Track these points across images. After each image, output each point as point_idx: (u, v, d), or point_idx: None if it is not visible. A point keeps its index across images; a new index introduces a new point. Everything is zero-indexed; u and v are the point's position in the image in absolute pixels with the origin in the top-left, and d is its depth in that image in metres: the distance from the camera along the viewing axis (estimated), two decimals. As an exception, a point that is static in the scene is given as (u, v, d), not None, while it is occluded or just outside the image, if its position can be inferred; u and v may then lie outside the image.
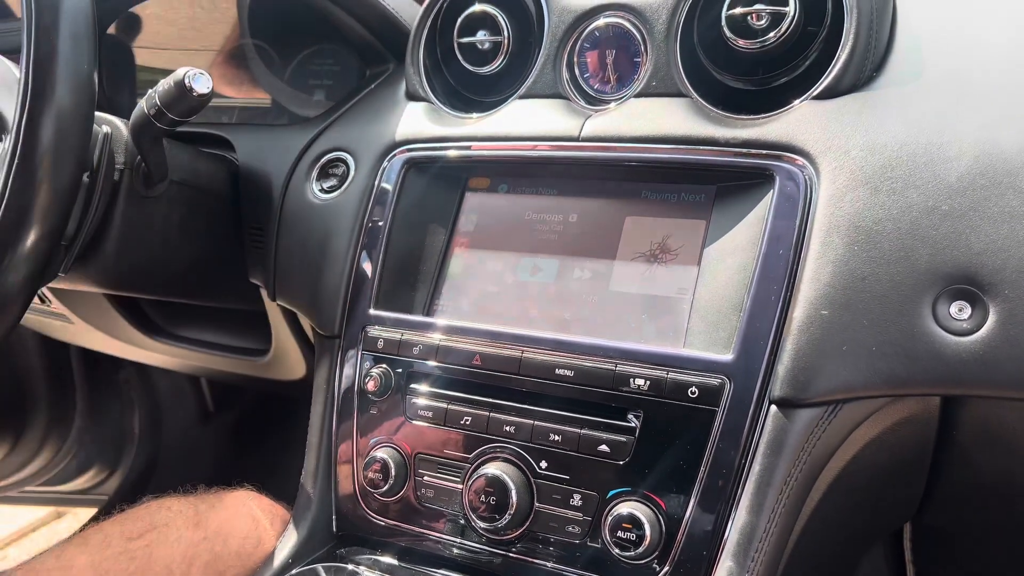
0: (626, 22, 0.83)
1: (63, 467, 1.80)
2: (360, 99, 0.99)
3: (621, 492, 0.70)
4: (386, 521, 0.82)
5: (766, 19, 0.74)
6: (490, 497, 0.74)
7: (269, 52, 1.15)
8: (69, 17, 0.68)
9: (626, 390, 0.71)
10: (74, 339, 1.41)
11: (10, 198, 0.65)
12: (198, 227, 0.94)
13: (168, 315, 1.21)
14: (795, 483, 0.67)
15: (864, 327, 0.65)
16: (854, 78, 0.73)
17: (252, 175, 0.98)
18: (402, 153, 0.89)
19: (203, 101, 0.78)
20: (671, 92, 0.79)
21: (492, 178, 0.87)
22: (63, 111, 0.67)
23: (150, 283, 0.96)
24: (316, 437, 0.87)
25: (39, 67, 0.66)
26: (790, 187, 0.70)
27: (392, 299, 0.86)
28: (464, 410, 0.78)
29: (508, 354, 0.77)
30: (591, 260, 0.80)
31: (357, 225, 0.88)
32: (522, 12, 0.88)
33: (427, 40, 0.92)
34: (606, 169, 0.80)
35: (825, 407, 0.66)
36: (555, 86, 0.85)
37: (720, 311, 0.71)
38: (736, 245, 0.72)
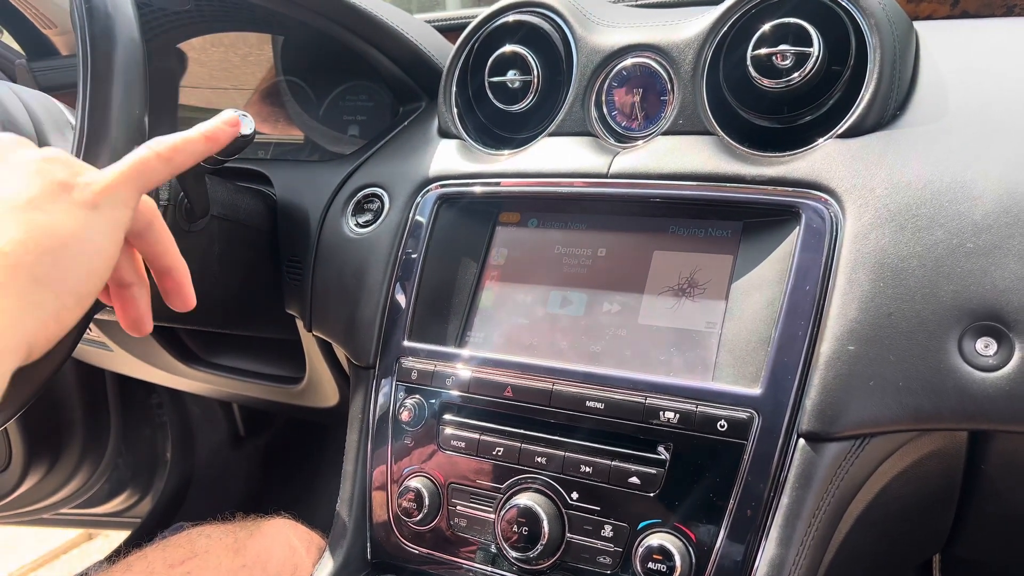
0: (653, 62, 0.85)
1: (97, 490, 1.83)
2: (393, 136, 1.02)
3: (652, 524, 0.72)
4: (420, 550, 0.83)
5: (791, 59, 0.76)
6: (522, 527, 0.75)
7: (304, 89, 1.19)
8: (122, 65, 0.71)
9: (656, 423, 0.73)
10: (111, 366, 1.44)
11: (66, 237, 0.68)
12: (237, 260, 0.97)
13: (205, 344, 1.24)
14: (824, 516, 0.68)
15: (891, 363, 0.66)
16: (878, 117, 0.74)
17: (290, 210, 1.01)
18: (435, 189, 0.91)
19: (247, 142, 0.81)
20: (698, 130, 0.81)
21: (522, 213, 0.89)
22: (117, 154, 0.69)
23: (190, 314, 0.98)
24: (351, 466, 0.89)
25: (94, 113, 0.69)
26: (816, 224, 0.72)
27: (425, 331, 0.88)
28: (496, 441, 0.80)
29: (539, 386, 0.79)
30: (620, 293, 0.81)
31: (391, 259, 0.91)
32: (551, 52, 0.90)
33: (459, 79, 0.95)
34: (634, 205, 0.82)
35: (853, 441, 0.67)
36: (584, 124, 0.87)
37: (748, 345, 0.72)
38: (763, 280, 0.74)
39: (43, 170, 0.58)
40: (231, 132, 0.73)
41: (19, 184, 0.57)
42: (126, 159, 0.63)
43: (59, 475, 1.74)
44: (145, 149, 0.64)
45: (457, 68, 0.95)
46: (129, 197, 0.61)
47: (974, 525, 0.87)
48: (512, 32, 0.92)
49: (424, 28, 1.09)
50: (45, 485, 1.74)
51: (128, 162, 0.62)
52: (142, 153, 0.63)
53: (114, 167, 0.62)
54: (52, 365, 0.72)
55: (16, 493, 1.71)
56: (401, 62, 1.03)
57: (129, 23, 0.73)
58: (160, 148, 0.64)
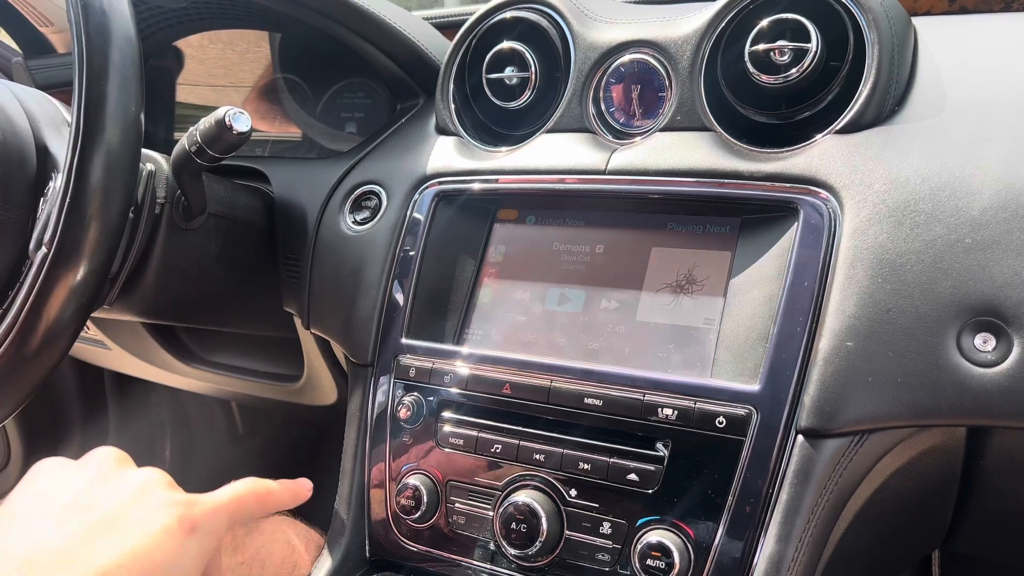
0: (650, 58, 0.85)
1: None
2: (391, 133, 1.02)
3: (650, 520, 0.72)
4: (418, 547, 0.83)
5: (789, 55, 0.76)
6: (520, 524, 0.75)
7: (302, 86, 1.18)
8: (118, 62, 0.71)
9: (654, 419, 0.72)
10: (109, 364, 1.44)
11: (62, 235, 0.68)
12: (235, 258, 0.97)
13: (203, 342, 1.24)
14: (822, 512, 0.68)
15: (889, 358, 0.66)
16: (876, 112, 0.74)
17: (287, 207, 1.01)
18: (433, 186, 0.91)
19: (242, 139, 0.81)
20: (696, 126, 0.81)
21: (520, 210, 0.89)
22: (112, 152, 0.70)
23: (188, 312, 0.99)
24: (350, 463, 0.89)
25: (90, 111, 0.69)
26: (814, 220, 0.72)
27: (423, 328, 0.88)
28: (494, 438, 0.80)
29: (537, 383, 0.79)
30: (618, 290, 0.81)
31: (389, 256, 0.91)
32: (549, 49, 0.90)
33: (457, 76, 0.95)
34: (632, 202, 0.82)
35: (851, 437, 0.67)
36: (581, 120, 0.87)
37: (746, 341, 0.72)
38: (761, 276, 0.74)
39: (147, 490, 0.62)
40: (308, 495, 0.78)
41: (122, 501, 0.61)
42: (227, 491, 0.67)
43: (58, 474, 1.74)
44: (243, 485, 0.68)
45: (455, 65, 0.95)
46: (222, 526, 0.65)
47: (973, 521, 0.87)
48: (510, 28, 0.92)
49: (422, 25, 1.09)
50: (44, 484, 1.74)
51: (229, 493, 0.66)
52: (241, 489, 0.67)
53: (216, 496, 0.65)
54: (49, 363, 0.71)
55: (14, 492, 1.71)
56: (398, 59, 1.03)
57: (125, 20, 0.72)
58: (259, 488, 0.69)
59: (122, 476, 0.64)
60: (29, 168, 0.79)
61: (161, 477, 0.64)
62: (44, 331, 0.69)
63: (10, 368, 0.70)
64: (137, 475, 0.64)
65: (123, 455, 0.66)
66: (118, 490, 0.62)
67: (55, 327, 0.70)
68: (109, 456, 0.65)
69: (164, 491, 0.63)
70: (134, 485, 0.62)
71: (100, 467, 0.64)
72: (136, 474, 0.64)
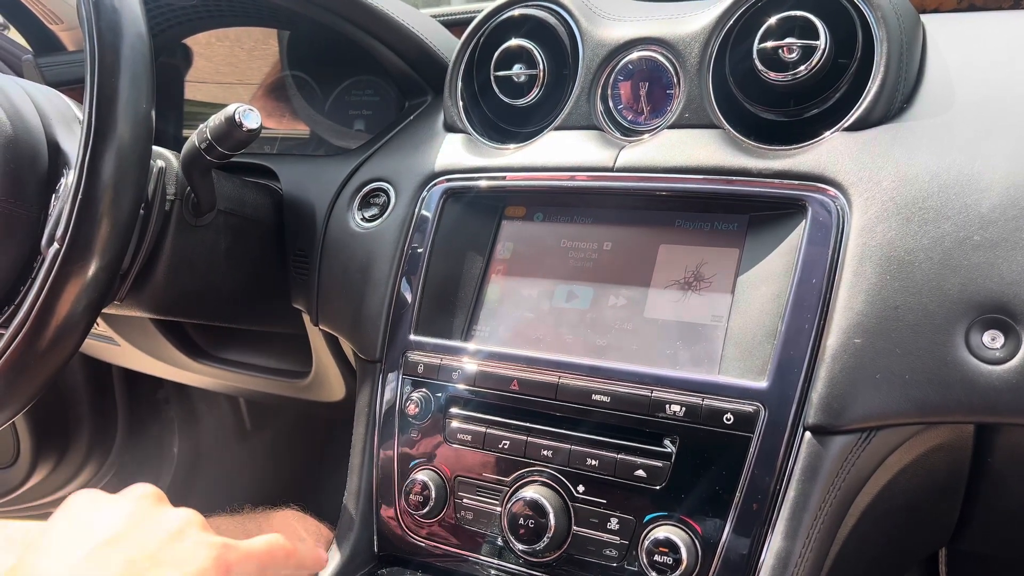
0: (659, 55, 0.85)
1: (104, 484, 1.83)
2: (400, 130, 1.02)
3: (657, 516, 0.72)
4: (427, 542, 0.84)
5: (797, 52, 0.76)
6: (528, 520, 0.76)
7: (310, 84, 1.19)
8: (129, 59, 0.71)
9: (662, 416, 0.73)
10: (118, 360, 1.45)
11: (74, 231, 0.69)
12: (244, 254, 0.98)
13: (211, 338, 1.24)
14: (830, 509, 0.68)
15: (897, 355, 0.66)
16: (885, 110, 0.74)
17: (296, 204, 1.01)
18: (441, 183, 0.92)
19: (252, 136, 0.81)
20: (704, 123, 0.81)
21: (528, 207, 0.89)
22: (123, 148, 0.70)
23: (197, 308, 0.99)
24: (358, 459, 0.89)
25: (101, 107, 0.69)
26: (822, 217, 0.72)
27: (431, 325, 0.88)
28: (502, 434, 0.80)
29: (545, 379, 0.79)
30: (626, 287, 0.81)
31: (398, 253, 0.91)
32: (557, 46, 0.90)
33: (465, 73, 0.95)
34: (640, 199, 0.82)
35: (859, 434, 0.67)
36: (589, 117, 0.87)
37: (754, 338, 0.73)
38: (769, 273, 0.74)
39: (185, 531, 0.64)
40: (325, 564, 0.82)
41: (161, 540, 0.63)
42: (261, 540, 0.70)
43: (67, 470, 1.75)
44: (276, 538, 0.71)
45: (463, 62, 0.95)
46: (253, 572, 0.67)
47: (981, 519, 0.87)
48: (518, 26, 0.92)
49: (430, 23, 1.09)
50: (53, 480, 1.75)
51: (262, 543, 0.69)
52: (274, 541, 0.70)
53: (250, 543, 0.68)
54: (60, 359, 0.72)
55: (24, 487, 1.72)
56: (407, 57, 1.03)
57: (136, 18, 0.73)
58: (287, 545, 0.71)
59: (160, 515, 0.65)
60: (41, 165, 0.80)
61: (197, 518, 0.66)
62: (56, 327, 0.70)
63: (22, 363, 0.70)
64: (175, 515, 0.66)
65: (160, 493, 0.68)
66: (156, 529, 0.64)
67: (66, 323, 0.70)
68: (147, 494, 0.67)
69: (200, 533, 0.65)
70: (172, 525, 0.64)
71: (138, 504, 0.66)
72: (174, 514, 0.66)
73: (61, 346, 0.71)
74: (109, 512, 0.65)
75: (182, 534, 0.64)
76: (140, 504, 0.66)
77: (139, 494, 0.67)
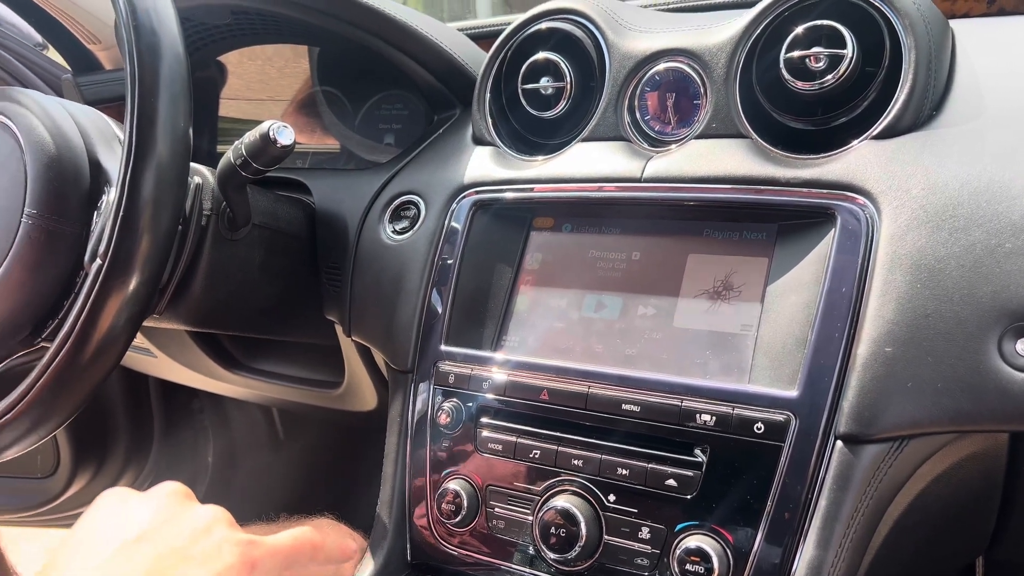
0: (685, 66, 0.85)
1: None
2: (429, 144, 1.03)
3: (689, 525, 0.72)
4: (459, 551, 0.85)
5: (824, 61, 0.76)
6: (560, 529, 0.76)
7: (340, 98, 1.21)
8: (167, 79, 0.74)
9: (692, 425, 0.73)
10: (155, 371, 1.48)
11: (115, 247, 0.71)
12: (278, 267, 1.00)
13: (246, 349, 1.27)
14: (862, 518, 0.68)
15: (929, 364, 0.66)
16: (913, 117, 0.74)
17: (328, 217, 1.03)
18: (470, 195, 0.93)
19: (286, 152, 0.83)
20: (731, 133, 0.81)
21: (556, 218, 0.90)
22: (162, 167, 0.72)
23: (233, 320, 1.01)
24: (391, 468, 0.91)
25: (141, 127, 0.72)
26: (852, 226, 0.72)
27: (462, 335, 0.89)
28: (533, 443, 0.81)
29: (575, 389, 0.80)
30: (655, 297, 0.82)
31: (428, 265, 0.92)
32: (584, 58, 0.91)
33: (492, 87, 0.96)
34: (668, 209, 0.83)
35: (891, 443, 0.67)
36: (617, 129, 0.88)
37: (784, 347, 0.73)
38: (799, 282, 0.74)
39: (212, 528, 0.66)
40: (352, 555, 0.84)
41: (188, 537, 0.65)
42: (286, 535, 0.72)
43: (105, 479, 1.78)
44: (300, 533, 0.73)
45: (491, 76, 0.96)
46: (279, 568, 0.69)
47: (1017, 527, 0.86)
48: (545, 39, 0.93)
49: (457, 36, 1.11)
50: (91, 489, 1.78)
51: (288, 538, 0.71)
52: (299, 536, 0.72)
53: (275, 539, 0.70)
54: (103, 371, 0.74)
55: (63, 497, 1.75)
56: (435, 71, 1.05)
57: (174, 39, 0.75)
58: (314, 538, 0.74)
59: (188, 511, 0.67)
60: (83, 182, 0.82)
61: (224, 515, 0.68)
62: (99, 340, 0.72)
63: (66, 376, 0.72)
64: (202, 511, 0.67)
65: (187, 491, 0.70)
66: (184, 525, 0.65)
67: (109, 336, 0.72)
68: (175, 491, 0.69)
69: (227, 529, 0.66)
70: (199, 522, 0.66)
71: (166, 502, 0.67)
72: (201, 511, 0.67)
73: (104, 359, 0.73)
74: (138, 509, 0.66)
75: (209, 530, 0.65)
76: (168, 501, 0.67)
77: (167, 491, 0.68)
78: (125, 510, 0.67)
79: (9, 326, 0.83)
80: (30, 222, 0.79)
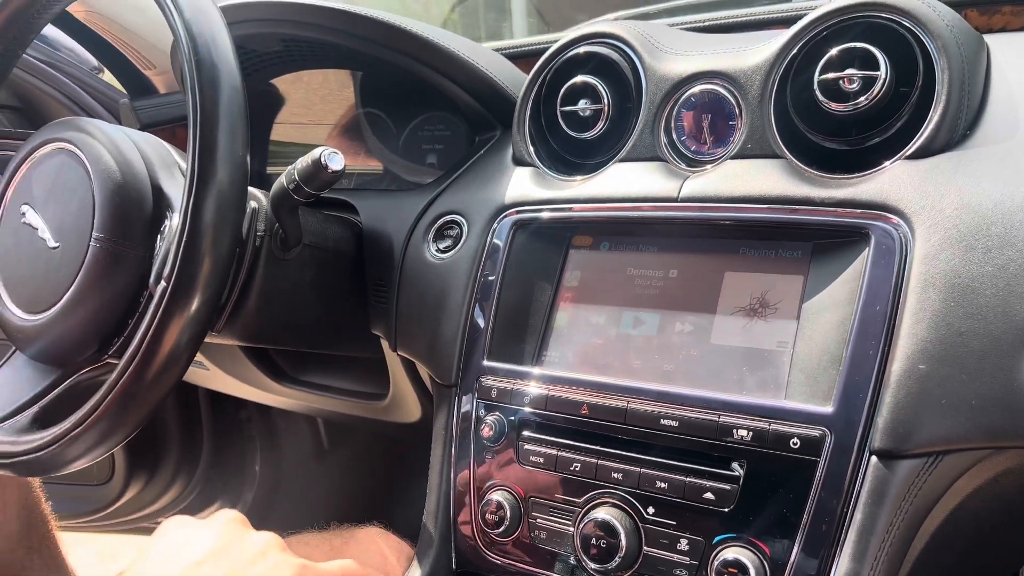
0: (720, 88, 0.87)
1: (191, 501, 1.92)
2: (471, 165, 1.07)
3: (726, 538, 0.74)
4: (502, 560, 0.87)
5: (858, 83, 0.77)
6: (600, 540, 0.79)
7: (384, 120, 1.25)
8: (226, 110, 0.78)
9: (729, 440, 0.75)
10: (206, 383, 1.53)
11: (179, 270, 0.75)
12: (327, 285, 1.04)
13: (294, 362, 1.31)
14: (897, 531, 0.69)
15: (963, 381, 0.67)
16: (947, 138, 0.75)
17: (375, 237, 1.07)
18: (511, 215, 0.96)
19: (336, 177, 0.87)
20: (766, 153, 0.83)
21: (595, 236, 0.92)
22: (223, 193, 0.76)
23: (284, 336, 1.06)
24: (436, 479, 0.94)
25: (203, 156, 0.76)
26: (886, 245, 0.73)
27: (503, 350, 0.92)
28: (573, 456, 0.83)
29: (614, 404, 0.82)
30: (692, 314, 0.84)
31: (471, 282, 0.95)
32: (621, 81, 0.94)
33: (532, 109, 0.99)
34: (705, 228, 0.85)
35: (926, 458, 0.68)
36: (653, 149, 0.90)
37: (819, 364, 0.74)
38: (834, 300, 0.76)
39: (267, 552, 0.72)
40: None
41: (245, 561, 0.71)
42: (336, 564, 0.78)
43: (157, 486, 1.84)
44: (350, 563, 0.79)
45: (530, 99, 0.99)
46: None
47: (1056, 542, 0.86)
48: (583, 63, 0.96)
49: (495, 58, 1.14)
50: (144, 496, 1.85)
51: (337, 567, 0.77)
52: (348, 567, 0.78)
53: (326, 566, 0.76)
54: (167, 386, 0.78)
55: (118, 503, 1.82)
56: (476, 94, 1.08)
57: (232, 72, 0.79)
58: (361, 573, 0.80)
59: (245, 537, 0.72)
60: (146, 208, 0.87)
61: (277, 541, 0.73)
62: (164, 357, 0.76)
63: (133, 392, 0.77)
64: (258, 537, 0.72)
65: (243, 518, 0.75)
66: (242, 550, 0.70)
67: (173, 354, 0.76)
68: (233, 519, 0.74)
69: (281, 554, 0.71)
70: (256, 547, 0.71)
71: (226, 528, 0.72)
72: (257, 536, 0.73)
73: (168, 375, 0.77)
74: (200, 534, 0.72)
75: (265, 555, 0.70)
76: (227, 528, 0.72)
77: (225, 519, 0.74)
78: (188, 535, 0.72)
79: (77, 343, 0.88)
80: (98, 245, 0.84)
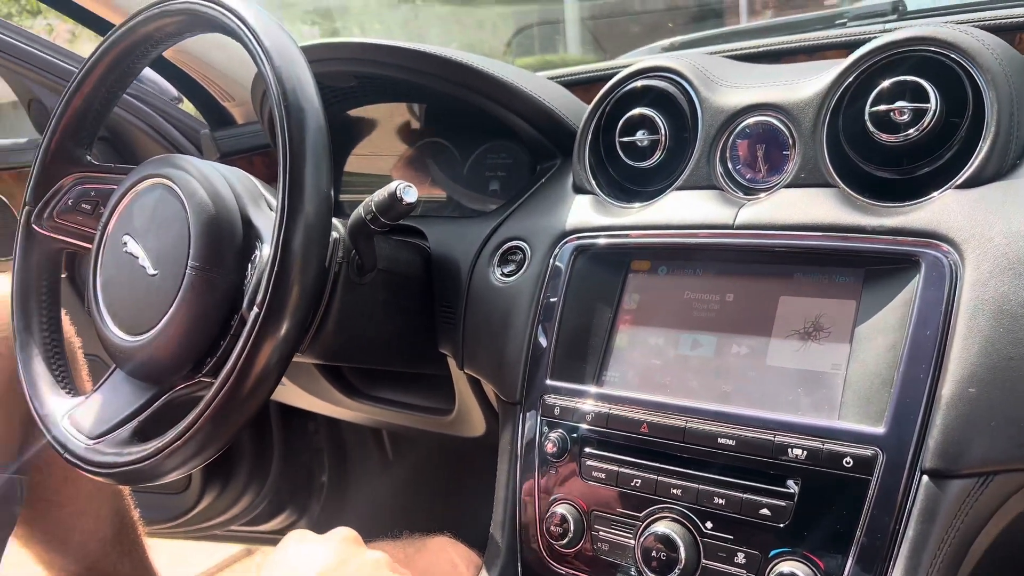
0: (774, 119, 0.91)
1: (260, 510, 2.01)
2: (533, 192, 1.12)
3: (782, 552, 0.77)
4: (566, 570, 0.92)
5: (908, 115, 0.80)
6: (660, 553, 0.83)
7: (449, 149, 1.32)
8: (312, 148, 0.84)
9: (785, 459, 0.78)
10: (281, 397, 1.61)
11: (271, 297, 0.82)
12: (398, 307, 1.10)
13: (365, 379, 1.38)
14: (948, 548, 0.71)
15: (1012, 405, 0.70)
16: (997, 167, 0.78)
17: (442, 261, 1.13)
18: (572, 241, 1.01)
19: (410, 208, 0.93)
20: (819, 182, 0.86)
21: (653, 261, 0.96)
22: (310, 226, 0.83)
23: (358, 355, 1.12)
24: (503, 492, 0.99)
25: (292, 191, 0.83)
26: (936, 272, 0.76)
27: (565, 370, 0.97)
28: (633, 473, 0.87)
29: (673, 423, 0.86)
30: (748, 336, 0.87)
31: (534, 304, 1.00)
32: (678, 113, 0.98)
33: (591, 140, 1.04)
34: (760, 254, 0.88)
35: (976, 478, 0.71)
36: (709, 178, 0.94)
37: (872, 386, 0.77)
38: (885, 325, 0.78)
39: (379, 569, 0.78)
40: None
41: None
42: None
43: (230, 496, 1.93)
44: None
45: (590, 130, 1.04)
46: None
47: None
48: (640, 96, 1.01)
49: (554, 88, 1.19)
50: (218, 504, 1.94)
51: None
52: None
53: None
54: (258, 403, 0.85)
55: (194, 511, 1.91)
56: (538, 125, 1.13)
57: (316, 112, 0.86)
58: None
59: (360, 554, 0.78)
60: (237, 238, 0.94)
61: (387, 558, 0.79)
62: (255, 377, 0.83)
63: (228, 408, 0.84)
64: (371, 555, 0.78)
65: (357, 536, 0.81)
66: (357, 568, 0.76)
67: (263, 374, 0.83)
68: (347, 536, 0.80)
69: (391, 571, 0.77)
70: (368, 564, 0.76)
71: (342, 545, 0.78)
72: (370, 554, 0.78)
73: (259, 393, 0.84)
74: (318, 550, 0.78)
75: (377, 571, 0.76)
76: (343, 545, 0.78)
77: (341, 537, 0.79)
78: (307, 550, 0.78)
79: (173, 363, 0.95)
80: (193, 273, 0.92)
